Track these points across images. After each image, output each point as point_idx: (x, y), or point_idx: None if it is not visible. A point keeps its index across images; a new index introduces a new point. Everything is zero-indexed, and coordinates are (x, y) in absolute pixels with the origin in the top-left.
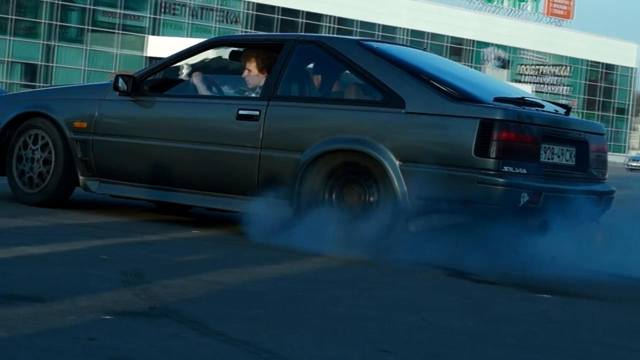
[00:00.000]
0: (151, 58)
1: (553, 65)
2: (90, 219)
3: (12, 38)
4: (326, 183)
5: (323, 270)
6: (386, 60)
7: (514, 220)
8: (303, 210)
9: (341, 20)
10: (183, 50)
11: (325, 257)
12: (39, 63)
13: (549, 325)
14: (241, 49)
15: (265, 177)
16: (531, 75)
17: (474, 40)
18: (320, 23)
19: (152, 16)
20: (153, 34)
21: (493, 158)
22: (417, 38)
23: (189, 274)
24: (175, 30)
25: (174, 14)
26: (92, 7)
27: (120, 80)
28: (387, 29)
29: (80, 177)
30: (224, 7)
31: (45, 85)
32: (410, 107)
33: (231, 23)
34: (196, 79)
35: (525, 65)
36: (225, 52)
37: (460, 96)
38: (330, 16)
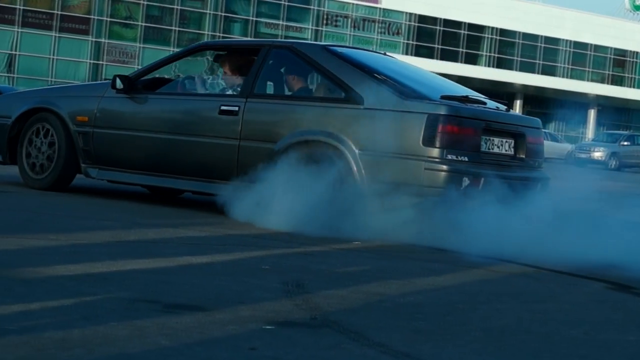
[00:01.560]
0: None
1: None
2: (251, 230)
3: (175, 49)
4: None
5: (483, 282)
6: (348, 63)
7: (457, 201)
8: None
9: (503, 32)
10: (173, 54)
11: (485, 269)
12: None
13: None
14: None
15: (243, 164)
16: None
17: (638, 52)
18: (483, 35)
19: (314, 28)
20: None
21: (438, 147)
22: (580, 50)
23: (349, 284)
24: (337, 41)
25: (335, 26)
26: (254, 18)
27: (118, 79)
28: (549, 40)
29: (82, 165)
30: (386, 19)
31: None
32: (368, 104)
33: (393, 35)
34: (184, 79)
35: None
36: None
37: (411, 94)
38: (493, 28)
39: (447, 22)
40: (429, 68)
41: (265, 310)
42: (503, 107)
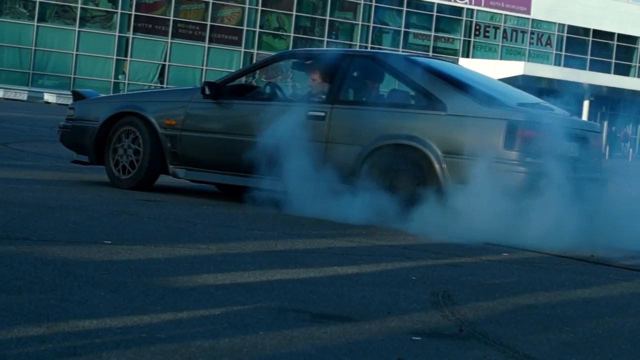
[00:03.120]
0: None
1: None
2: (400, 241)
3: None
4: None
5: (633, 295)
6: (430, 72)
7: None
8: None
9: None
10: (257, 62)
11: (634, 282)
12: None
13: None
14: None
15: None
16: None
17: None
18: (635, 46)
19: (464, 38)
20: (464, 56)
21: (517, 151)
22: None
23: (497, 296)
24: (487, 52)
25: (486, 37)
26: (404, 29)
27: (206, 86)
28: None
29: (170, 166)
30: (536, 30)
31: None
32: (450, 110)
33: (544, 45)
34: (271, 85)
35: None
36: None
37: (490, 101)
38: None
39: (598, 33)
40: (580, 79)
41: (413, 321)
42: (568, 113)
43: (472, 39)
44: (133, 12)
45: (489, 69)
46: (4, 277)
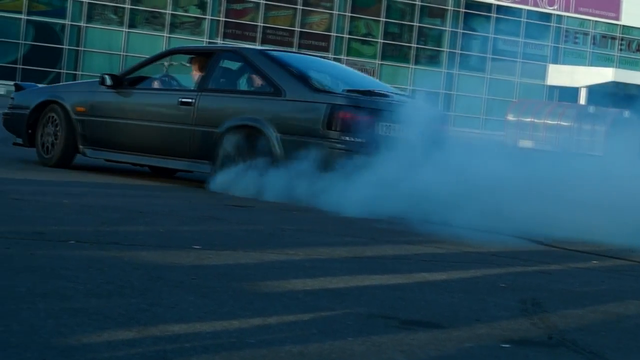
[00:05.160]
0: (551, 87)
1: None
2: (489, 248)
3: (413, 66)
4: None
5: None
6: (278, 64)
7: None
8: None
9: None
10: (151, 57)
11: None
12: (440, 91)
13: None
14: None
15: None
16: None
17: None
18: None
19: (553, 45)
20: (553, 62)
21: (336, 131)
22: None
23: (587, 303)
24: (576, 58)
25: (575, 43)
26: (493, 35)
27: (107, 77)
28: None
29: (80, 147)
30: (627, 36)
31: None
32: (288, 96)
33: (634, 51)
34: (162, 76)
35: None
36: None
37: (320, 88)
38: None
39: None
40: None
41: (502, 329)
42: (406, 96)
43: (561, 45)
44: (222, 18)
45: (578, 75)
46: (95, 281)
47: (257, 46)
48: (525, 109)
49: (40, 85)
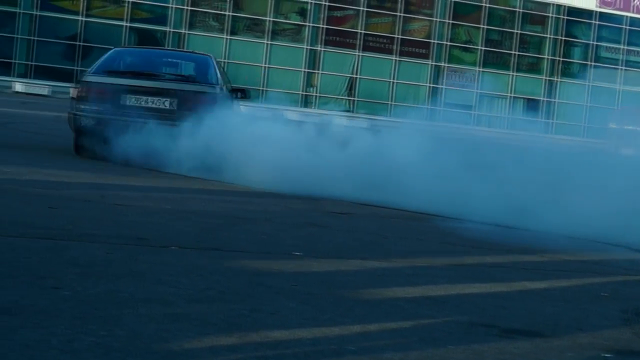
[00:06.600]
0: None
1: None
2: (591, 256)
3: (514, 74)
4: None
5: None
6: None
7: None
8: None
9: None
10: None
11: None
12: (541, 98)
13: None
14: None
15: None
16: None
17: None
18: None
19: None
20: None
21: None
22: None
23: None
24: None
25: None
26: (595, 42)
27: None
28: None
29: None
30: None
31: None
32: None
33: None
34: None
35: None
36: None
37: (96, 71)
38: None
39: None
40: None
41: (604, 338)
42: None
43: None
44: (323, 26)
45: None
46: (197, 287)
47: (357, 53)
48: (628, 117)
49: None
